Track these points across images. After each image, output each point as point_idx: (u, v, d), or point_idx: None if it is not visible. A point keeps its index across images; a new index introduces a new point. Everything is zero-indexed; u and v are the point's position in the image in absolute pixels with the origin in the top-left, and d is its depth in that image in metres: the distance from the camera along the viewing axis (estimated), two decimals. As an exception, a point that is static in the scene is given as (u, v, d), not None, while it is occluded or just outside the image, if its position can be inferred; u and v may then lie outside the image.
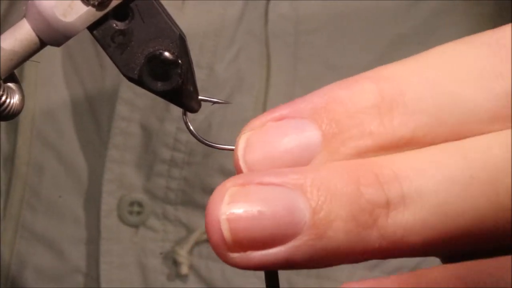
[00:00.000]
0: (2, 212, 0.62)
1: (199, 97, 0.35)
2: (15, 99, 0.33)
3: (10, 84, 0.33)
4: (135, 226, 0.61)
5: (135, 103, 0.60)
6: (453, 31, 0.60)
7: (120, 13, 0.32)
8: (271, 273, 0.30)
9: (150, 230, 0.62)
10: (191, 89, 0.34)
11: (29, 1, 0.31)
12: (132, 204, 0.61)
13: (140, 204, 0.61)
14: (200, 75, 0.58)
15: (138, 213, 0.61)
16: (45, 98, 0.63)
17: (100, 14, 0.32)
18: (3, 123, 0.63)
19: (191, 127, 0.36)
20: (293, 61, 0.59)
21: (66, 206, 0.63)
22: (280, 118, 0.27)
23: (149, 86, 0.33)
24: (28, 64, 0.61)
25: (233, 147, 0.35)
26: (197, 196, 0.60)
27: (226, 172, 0.59)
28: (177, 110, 0.59)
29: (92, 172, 0.62)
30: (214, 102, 0.36)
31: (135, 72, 0.33)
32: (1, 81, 0.32)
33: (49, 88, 0.63)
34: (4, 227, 0.62)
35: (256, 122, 0.28)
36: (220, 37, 0.59)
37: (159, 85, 0.33)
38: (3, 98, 0.32)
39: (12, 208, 0.62)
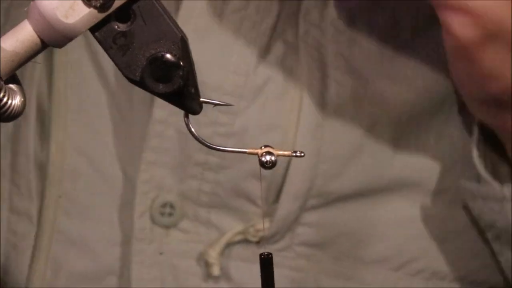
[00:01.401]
0: (37, 218, 0.63)
1: (201, 99, 0.35)
2: (16, 101, 0.33)
3: (11, 86, 0.33)
4: (167, 227, 0.62)
5: (172, 108, 0.60)
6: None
7: (122, 14, 0.32)
8: (265, 260, 0.30)
9: (181, 231, 0.62)
10: (193, 91, 0.34)
11: (31, 2, 0.31)
12: (164, 205, 0.61)
13: (172, 206, 0.61)
14: (238, 82, 0.59)
15: (170, 214, 0.61)
16: (76, 104, 0.63)
17: (102, 15, 0.32)
18: (37, 130, 0.63)
19: (192, 129, 0.36)
20: (324, 68, 0.59)
21: (101, 210, 0.63)
22: None
23: (150, 88, 0.33)
24: (57, 71, 0.62)
25: (235, 150, 0.35)
26: (229, 199, 0.60)
27: (258, 176, 0.59)
28: (213, 114, 0.59)
29: (125, 176, 0.62)
30: (216, 104, 0.36)
31: (137, 74, 0.33)
32: (3, 82, 0.32)
33: (79, 94, 0.63)
34: (40, 233, 0.62)
35: None
36: (256, 44, 0.59)
37: (161, 87, 0.33)
38: (5, 99, 0.32)
39: (47, 214, 0.62)
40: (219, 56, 0.59)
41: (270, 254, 0.37)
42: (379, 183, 0.61)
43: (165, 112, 0.60)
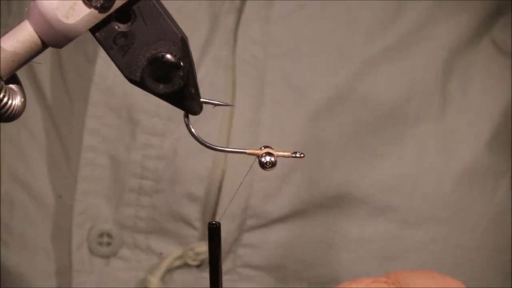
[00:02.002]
0: None
1: (201, 99, 0.35)
2: (16, 101, 0.32)
3: (12, 86, 0.33)
4: (106, 256, 0.61)
5: (102, 133, 0.60)
6: (432, 47, 0.59)
7: (123, 15, 0.32)
8: (213, 230, 0.30)
9: (121, 260, 0.61)
10: (193, 91, 0.34)
11: (31, 2, 0.31)
12: (101, 235, 0.61)
13: (109, 235, 0.61)
14: (166, 103, 0.59)
15: (108, 244, 0.61)
16: (14, 133, 0.62)
17: (102, 16, 0.32)
18: None
19: (192, 130, 0.36)
20: (260, 85, 0.58)
21: (36, 240, 0.62)
22: None
23: (151, 89, 0.33)
24: None
25: (235, 150, 0.35)
26: (166, 223, 0.60)
27: (193, 198, 0.59)
28: (143, 137, 0.59)
29: (62, 205, 0.62)
30: (216, 105, 0.36)
31: (137, 74, 0.33)
32: (3, 83, 0.32)
33: (16, 122, 0.63)
34: None
35: None
36: None
37: (161, 87, 0.33)
38: (5, 99, 0.32)
39: None
40: None
41: (218, 223, 0.36)
42: (318, 201, 0.59)
43: (95, 139, 0.59)
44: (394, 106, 0.59)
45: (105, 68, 0.59)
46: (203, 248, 0.59)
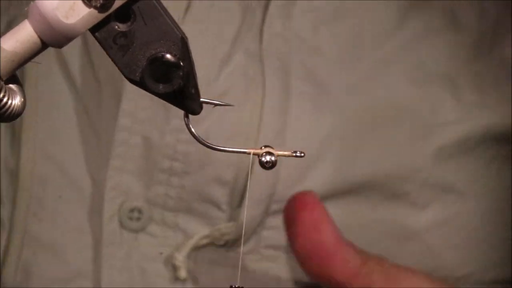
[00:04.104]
0: (8, 224, 0.64)
1: (201, 99, 0.35)
2: (16, 101, 0.32)
3: (11, 86, 0.33)
4: (135, 231, 0.63)
5: (136, 115, 0.62)
6: (434, 54, 0.62)
7: (122, 15, 0.32)
8: None
9: (149, 235, 0.63)
10: (193, 91, 0.34)
11: (31, 3, 0.31)
12: (132, 210, 0.62)
13: (140, 211, 0.62)
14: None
15: (138, 219, 0.62)
16: (46, 113, 0.64)
17: (102, 16, 0.32)
18: (7, 138, 0.64)
19: (192, 129, 0.36)
20: (286, 77, 0.60)
21: (70, 215, 0.64)
22: None
23: (150, 88, 0.33)
24: (27, 80, 0.63)
25: (235, 150, 0.35)
26: (194, 204, 0.62)
27: (222, 182, 0.61)
28: (176, 122, 0.60)
29: (93, 181, 0.64)
30: (216, 105, 0.36)
31: (137, 74, 0.33)
32: (3, 83, 0.32)
33: (50, 103, 0.64)
34: (11, 238, 0.63)
35: None
36: (216, 55, 0.61)
37: (161, 87, 0.33)
38: (5, 99, 0.32)
39: (19, 219, 0.63)
40: None
41: None
42: (340, 188, 0.61)
43: (130, 120, 0.61)
44: (409, 103, 0.62)
45: None
46: (229, 229, 0.61)
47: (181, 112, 0.59)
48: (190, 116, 0.36)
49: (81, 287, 0.63)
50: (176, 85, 0.33)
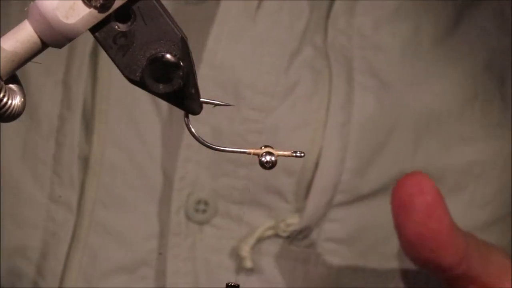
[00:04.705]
0: (77, 209, 0.65)
1: (201, 99, 0.35)
2: (16, 101, 0.32)
3: (11, 86, 0.33)
4: (201, 223, 0.64)
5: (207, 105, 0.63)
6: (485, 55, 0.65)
7: (122, 15, 0.32)
8: None
9: (214, 227, 0.64)
10: (193, 91, 0.34)
11: (31, 3, 0.31)
12: (198, 202, 0.63)
13: (206, 203, 0.63)
14: (270, 81, 0.62)
15: (204, 211, 0.63)
16: (118, 101, 0.65)
17: (102, 16, 0.32)
18: (82, 125, 0.65)
19: (192, 130, 0.36)
20: (349, 71, 0.62)
21: (137, 204, 0.65)
22: None
23: (150, 88, 0.33)
24: (101, 69, 0.64)
25: (235, 150, 0.35)
26: (260, 195, 0.63)
27: (289, 172, 0.62)
28: (246, 112, 0.62)
29: (162, 172, 0.64)
30: (216, 105, 0.36)
31: (137, 74, 0.33)
32: (3, 83, 0.32)
33: (122, 92, 0.65)
34: (79, 222, 0.64)
35: None
36: (287, 48, 0.62)
37: (161, 87, 0.33)
38: (5, 99, 0.32)
39: (87, 204, 0.64)
40: (252, 56, 0.62)
41: (237, 285, 0.37)
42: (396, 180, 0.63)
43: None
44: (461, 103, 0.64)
45: (215, 44, 0.63)
46: (295, 220, 0.62)
47: (251, 103, 0.61)
48: (189, 116, 0.36)
49: (146, 276, 0.64)
50: (176, 85, 0.33)
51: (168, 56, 0.32)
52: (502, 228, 0.66)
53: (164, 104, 0.64)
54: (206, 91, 0.62)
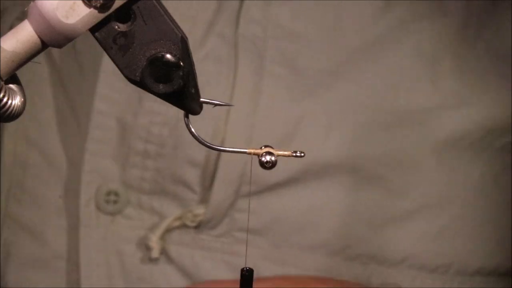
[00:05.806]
0: None
1: (201, 99, 0.35)
2: (16, 101, 0.32)
3: (11, 86, 0.33)
4: (112, 214, 0.65)
5: (112, 98, 0.64)
6: (415, 40, 0.62)
7: (122, 15, 0.32)
8: (246, 276, 0.34)
9: (126, 218, 0.65)
10: (193, 91, 0.34)
11: (31, 3, 0.31)
12: (109, 193, 0.64)
13: (116, 194, 0.64)
14: None
15: (115, 202, 0.64)
16: (28, 98, 0.65)
17: (102, 16, 0.32)
18: None
19: (192, 129, 0.36)
20: (260, 61, 0.62)
21: (48, 198, 0.66)
22: None
23: (150, 88, 0.33)
24: None
25: (235, 150, 0.35)
26: (168, 186, 0.63)
27: (194, 163, 0.62)
28: (150, 104, 0.62)
29: (72, 165, 0.66)
30: (216, 105, 0.36)
31: (137, 74, 0.33)
32: (3, 83, 0.32)
33: (31, 88, 0.66)
34: None
35: None
36: (190, 38, 0.61)
37: (161, 87, 0.33)
38: (5, 99, 0.32)
39: (0, 201, 0.66)
40: None
41: (251, 270, 0.37)
42: (311, 169, 0.63)
43: (105, 103, 0.63)
44: (386, 90, 0.63)
45: None
46: (201, 210, 0.63)
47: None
48: (187, 115, 0.36)
49: (60, 269, 0.65)
50: (176, 85, 0.33)
51: (168, 56, 0.32)
52: (428, 216, 0.65)
53: (74, 97, 0.66)
54: (110, 84, 0.62)
